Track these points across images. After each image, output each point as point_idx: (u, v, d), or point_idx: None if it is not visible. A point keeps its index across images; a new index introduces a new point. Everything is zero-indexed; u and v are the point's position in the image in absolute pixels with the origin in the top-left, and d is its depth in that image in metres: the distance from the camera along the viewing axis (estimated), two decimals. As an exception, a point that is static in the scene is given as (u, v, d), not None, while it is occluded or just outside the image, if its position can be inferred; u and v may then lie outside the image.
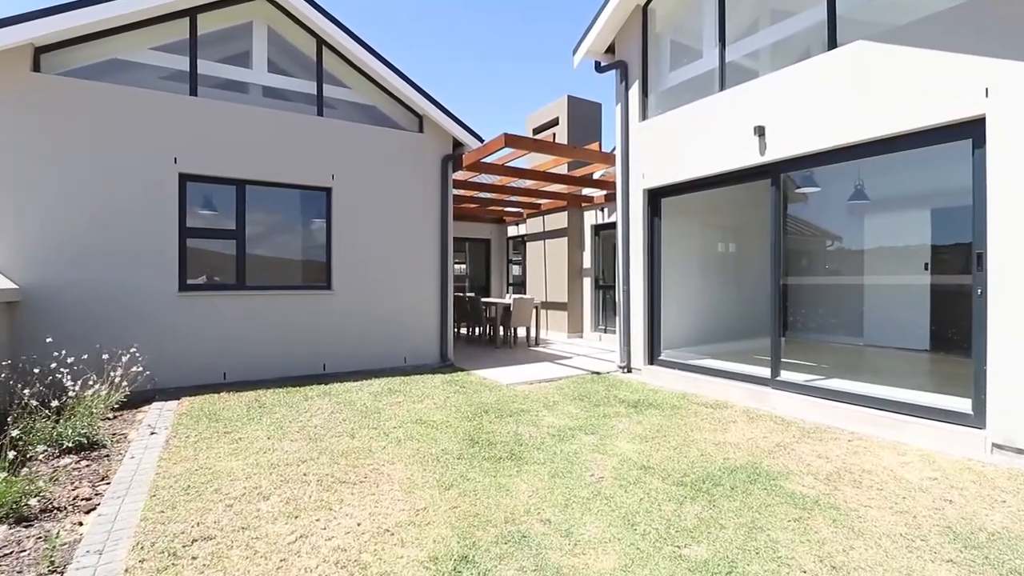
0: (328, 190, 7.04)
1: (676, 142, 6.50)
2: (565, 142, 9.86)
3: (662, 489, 3.37)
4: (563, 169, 10.38)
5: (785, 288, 5.62)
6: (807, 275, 9.87)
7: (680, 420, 4.91)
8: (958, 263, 8.27)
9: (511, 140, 6.43)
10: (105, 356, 5.32)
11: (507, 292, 14.85)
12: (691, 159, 6.29)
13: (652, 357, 6.99)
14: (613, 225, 10.77)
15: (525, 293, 13.28)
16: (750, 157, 5.61)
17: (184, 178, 6.25)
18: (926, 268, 8.44)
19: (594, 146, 7.50)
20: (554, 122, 11.61)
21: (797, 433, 4.53)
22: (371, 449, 4.05)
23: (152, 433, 4.54)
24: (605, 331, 11.05)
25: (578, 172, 9.19)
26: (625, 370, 7.19)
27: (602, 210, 10.92)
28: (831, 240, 9.73)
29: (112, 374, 4.96)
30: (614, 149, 7.60)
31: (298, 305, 6.80)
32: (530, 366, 7.71)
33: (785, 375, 5.52)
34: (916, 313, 8.48)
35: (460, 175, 9.51)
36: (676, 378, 6.42)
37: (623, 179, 7.20)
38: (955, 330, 7.82)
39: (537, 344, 10.26)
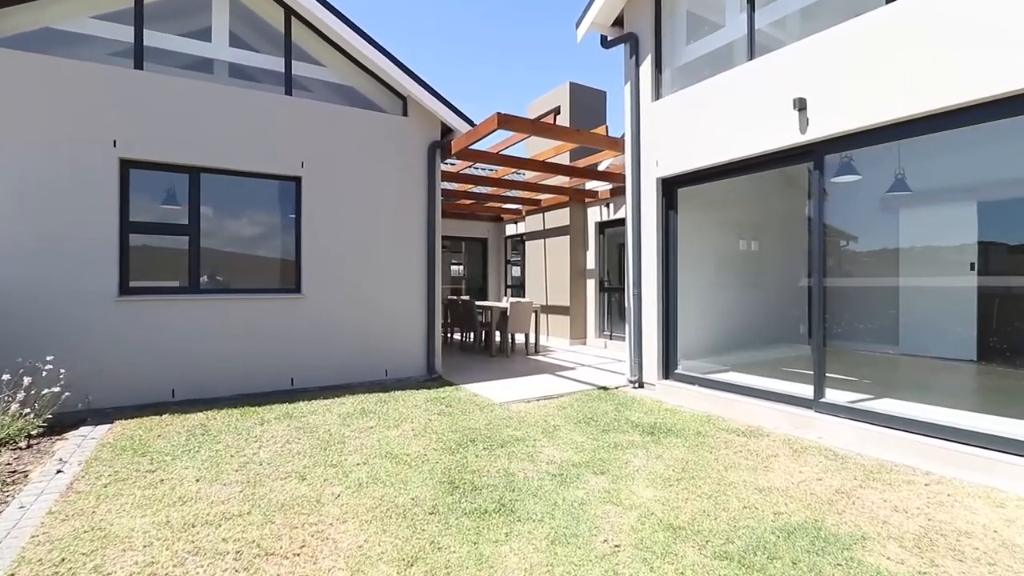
0: (297, 180, 6.18)
1: (695, 123, 5.62)
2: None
3: (700, 564, 2.49)
4: (565, 159, 9.51)
5: (825, 291, 4.73)
6: (833, 276, 8.98)
7: (708, 453, 4.02)
8: (1013, 263, 7.39)
9: (505, 121, 5.57)
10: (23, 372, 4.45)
11: (505, 295, 13.98)
12: (713, 142, 5.41)
13: (667, 371, 6.10)
14: (619, 222, 9.90)
15: (524, 296, 12.40)
16: (787, 136, 4.73)
17: (126, 164, 5.39)
18: (972, 268, 7.56)
19: (600, 130, 6.66)
20: (555, 111, 10.72)
21: (858, 473, 3.64)
22: (321, 499, 3.17)
23: (59, 471, 3.67)
24: (611, 337, 10.16)
25: (581, 162, 8.32)
26: (636, 385, 6.31)
27: (607, 206, 10.05)
28: (846, 240, 8.84)
29: (27, 393, 4.12)
30: (623, 135, 6.73)
31: (261, 311, 5.93)
32: (528, 379, 6.82)
33: (830, 395, 4.63)
34: (960, 319, 7.59)
35: (452, 167, 8.65)
36: (696, 396, 5.53)
37: (633, 167, 6.33)
38: (1008, 338, 6.94)
39: (537, 352, 9.38)
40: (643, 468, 3.71)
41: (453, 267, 14.90)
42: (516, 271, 14.01)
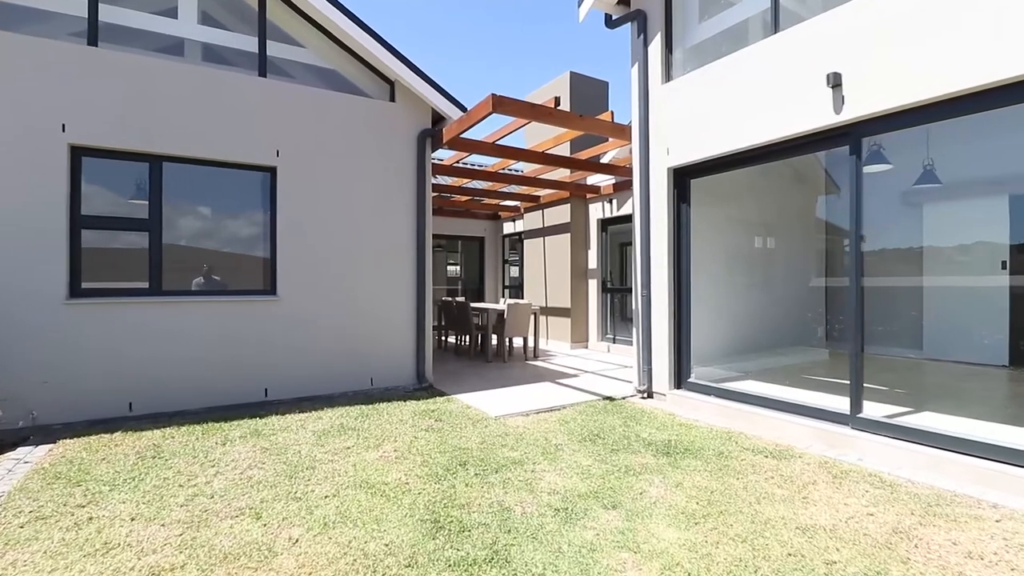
0: (272, 170, 5.62)
1: (710, 106, 5.09)
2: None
3: (747, 642, 1.94)
4: (565, 151, 8.98)
5: (863, 292, 4.19)
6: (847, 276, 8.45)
7: (735, 480, 3.47)
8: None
9: (500, 103, 5.03)
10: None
11: (503, 296, 13.43)
12: (730, 127, 4.88)
13: (679, 379, 5.56)
14: (623, 219, 9.37)
15: (522, 297, 11.86)
16: (818, 117, 4.19)
17: (77, 151, 4.83)
18: (1004, 268, 7.03)
19: (605, 117, 6.12)
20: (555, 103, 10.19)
21: (914, 506, 3.09)
22: (274, 547, 2.61)
23: (-27, 506, 3.11)
24: (614, 341, 9.62)
25: (583, 154, 7.78)
26: (645, 395, 5.76)
27: (610, 202, 9.51)
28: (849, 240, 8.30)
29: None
30: (629, 123, 6.20)
31: (232, 315, 5.37)
32: (526, 388, 6.27)
33: (868, 409, 4.08)
34: (990, 321, 7.06)
35: (445, 160, 8.11)
36: (713, 409, 4.99)
37: (641, 157, 5.78)
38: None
39: (536, 357, 8.83)
40: (661, 500, 3.16)
41: (449, 267, 14.36)
42: (514, 271, 13.47)
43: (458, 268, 14.24)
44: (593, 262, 9.96)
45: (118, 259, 5.18)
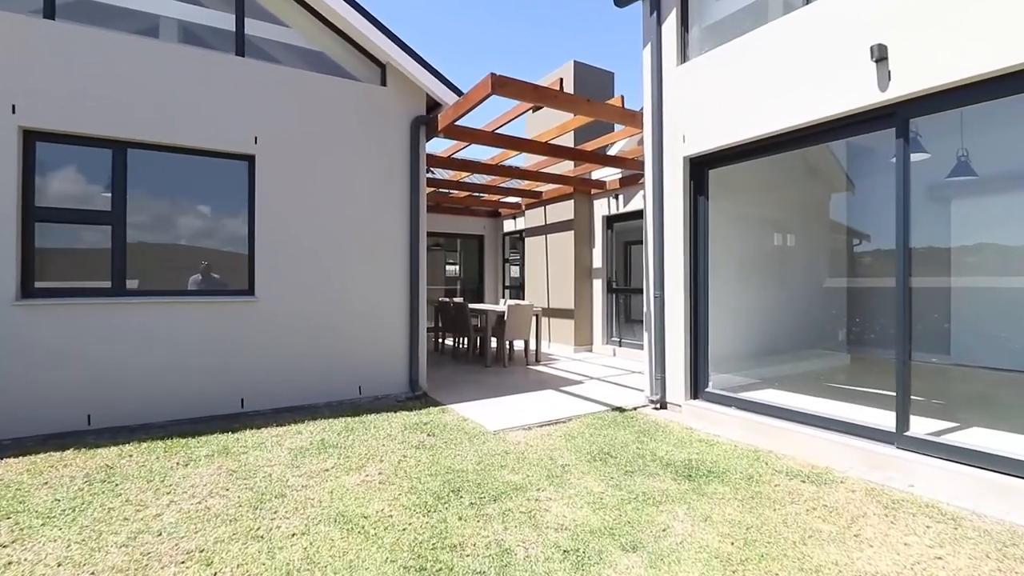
0: (249, 159, 5.14)
1: (732, 88, 4.61)
2: (570, 118, 7.81)
3: None
4: (569, 143, 8.50)
5: (910, 293, 3.72)
6: (869, 277, 7.98)
7: (772, 512, 2.99)
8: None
9: (501, 84, 4.54)
10: None
11: (503, 297, 12.96)
12: (754, 110, 4.40)
13: (696, 389, 5.08)
14: (630, 215, 8.89)
15: (523, 298, 11.38)
16: (859, 96, 3.71)
17: (29, 135, 4.36)
18: (1041, 267, 6.54)
19: (615, 102, 5.64)
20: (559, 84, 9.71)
21: (987, 547, 2.61)
22: (220, 606, 2.14)
23: None
24: (620, 344, 9.14)
25: (589, 145, 7.30)
26: (658, 406, 5.28)
27: (616, 197, 9.03)
28: (859, 239, 7.82)
29: None
30: (641, 109, 5.72)
31: (205, 318, 4.89)
32: (528, 397, 5.80)
33: (916, 424, 3.60)
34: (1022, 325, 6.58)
35: (441, 149, 7.63)
36: (735, 422, 4.51)
37: (654, 146, 5.30)
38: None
39: (538, 361, 8.35)
40: (689, 539, 2.68)
41: (448, 267, 13.89)
42: (515, 271, 13.00)
43: (457, 267, 13.77)
44: (598, 261, 9.48)
45: (80, 257, 4.70)
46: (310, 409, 5.21)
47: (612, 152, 8.20)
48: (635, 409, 5.29)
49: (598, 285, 9.48)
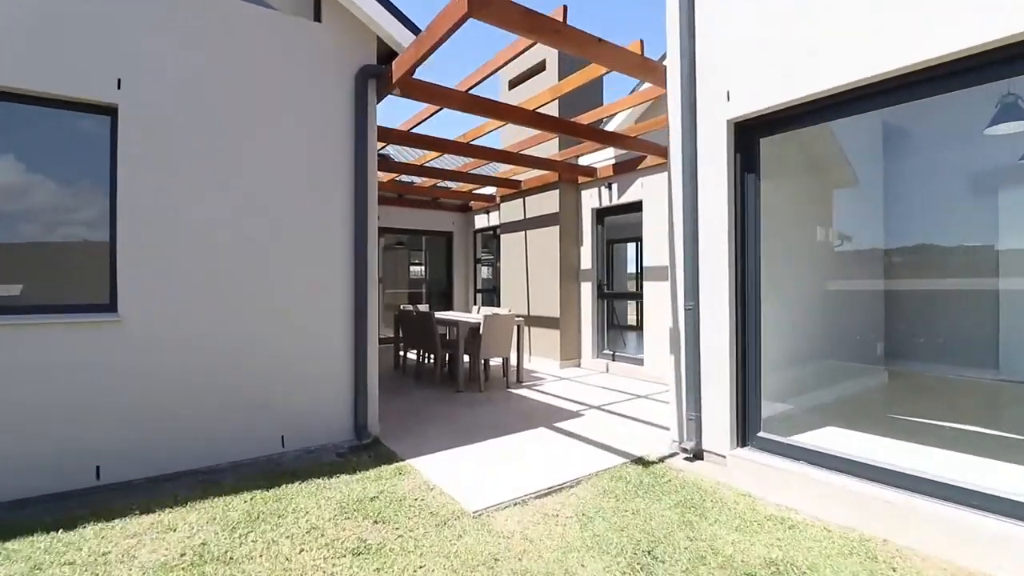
0: (110, 111, 3.51)
1: (802, 16, 3.32)
2: (555, 84, 6.36)
3: None
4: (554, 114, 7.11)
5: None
6: (901, 277, 6.93)
7: None
8: None
9: (481, 4, 3.10)
10: None
11: (474, 303, 11.49)
12: (836, 49, 3.11)
13: (745, 433, 3.77)
14: (625, 208, 7.60)
15: (497, 304, 9.96)
16: (996, 27, 2.46)
17: None
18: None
19: (633, 47, 4.27)
20: (539, 67, 8.36)
21: None
22: None
23: None
24: (613, 358, 7.83)
25: (585, 117, 5.92)
26: (690, 456, 3.94)
27: (608, 187, 7.72)
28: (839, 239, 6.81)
29: None
30: (663, 59, 4.39)
31: (37, 350, 3.24)
32: (516, 441, 4.38)
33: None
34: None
35: (400, 123, 6.09)
36: (812, 486, 3.19)
37: (684, 106, 3.97)
38: None
39: (520, 381, 6.94)
40: None
41: (413, 268, 12.32)
42: (487, 272, 11.56)
43: (422, 268, 12.22)
44: (587, 261, 8.15)
45: None
46: (205, 475, 3.62)
47: (613, 125, 6.89)
48: (662, 461, 3.93)
49: (587, 289, 8.14)
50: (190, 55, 3.72)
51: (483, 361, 6.56)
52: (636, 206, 7.31)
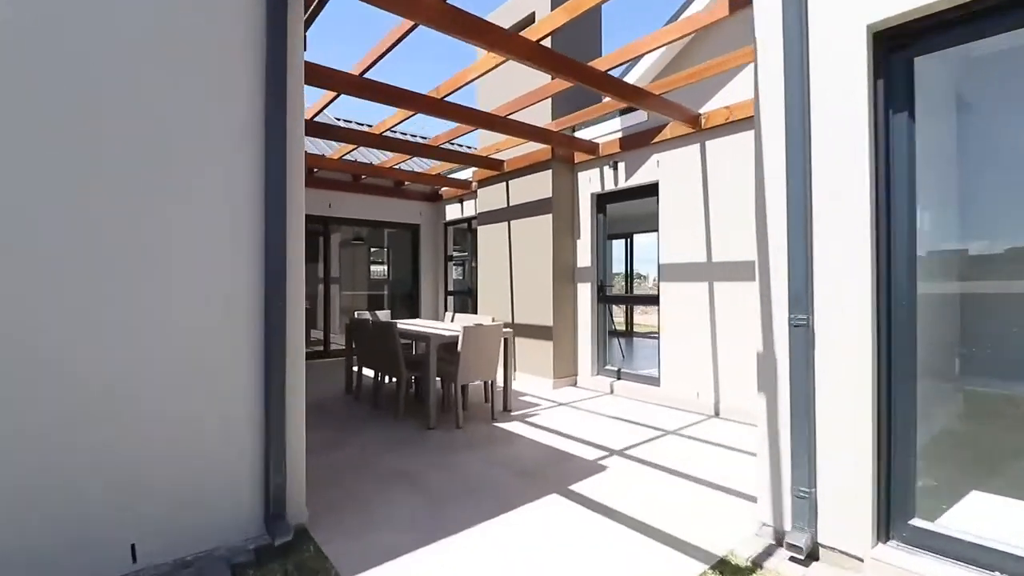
0: None
1: None
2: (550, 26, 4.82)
3: None
4: (546, 112, 5.65)
5: None
6: (970, 280, 5.79)
7: None
8: None
9: None
10: None
11: (446, 309, 9.91)
12: None
13: (889, 523, 2.38)
14: (634, 192, 6.21)
15: (474, 310, 8.43)
16: None
17: None
18: None
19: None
20: (528, 20, 6.90)
21: None
22: None
23: None
24: (618, 376, 6.42)
25: (603, 62, 4.47)
26: (798, 553, 2.51)
27: (613, 166, 6.31)
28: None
29: None
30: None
31: None
32: (517, 526, 2.88)
33: None
34: None
35: (350, 66, 4.45)
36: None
37: (790, 10, 2.56)
38: None
39: (507, 409, 5.44)
40: None
41: (374, 267, 10.64)
42: (461, 272, 10.02)
43: (384, 268, 10.56)
44: (585, 258, 6.72)
45: None
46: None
47: (635, 76, 5.50)
48: (758, 566, 2.50)
49: (585, 292, 6.71)
50: None
51: (459, 386, 5.02)
52: (650, 189, 5.93)
